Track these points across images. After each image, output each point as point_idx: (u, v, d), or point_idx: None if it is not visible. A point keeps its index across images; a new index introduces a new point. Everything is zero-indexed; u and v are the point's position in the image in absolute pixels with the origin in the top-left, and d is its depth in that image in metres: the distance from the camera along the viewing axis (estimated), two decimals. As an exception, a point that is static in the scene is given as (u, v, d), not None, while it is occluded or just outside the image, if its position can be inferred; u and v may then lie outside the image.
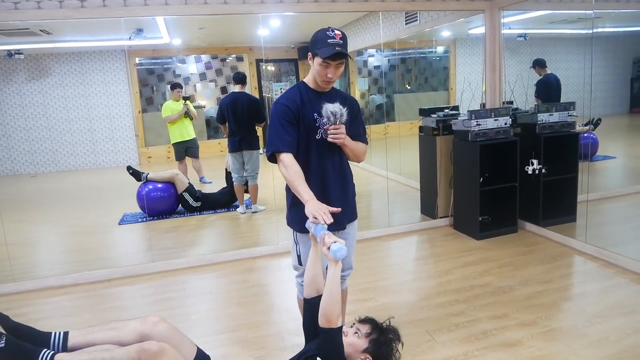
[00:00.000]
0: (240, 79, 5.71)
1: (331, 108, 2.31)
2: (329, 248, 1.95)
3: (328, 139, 2.37)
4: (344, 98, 2.49)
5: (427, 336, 2.92)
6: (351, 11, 4.39)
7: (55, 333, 2.03)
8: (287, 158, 2.30)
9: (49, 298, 3.82)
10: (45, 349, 1.90)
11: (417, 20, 5.75)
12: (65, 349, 2.00)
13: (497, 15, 4.72)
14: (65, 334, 2.04)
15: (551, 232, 4.45)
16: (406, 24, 5.95)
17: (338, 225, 2.47)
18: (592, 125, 5.86)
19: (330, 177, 2.47)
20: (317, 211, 2.05)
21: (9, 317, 2.02)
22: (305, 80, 2.46)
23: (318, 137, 2.40)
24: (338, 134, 2.35)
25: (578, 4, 4.72)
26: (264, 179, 6.06)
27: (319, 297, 2.06)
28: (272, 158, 2.36)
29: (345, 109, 2.35)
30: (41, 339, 2.00)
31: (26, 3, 3.75)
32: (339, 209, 2.14)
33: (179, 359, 1.96)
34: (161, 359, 1.87)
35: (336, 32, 2.24)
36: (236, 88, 5.69)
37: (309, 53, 2.33)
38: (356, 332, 2.08)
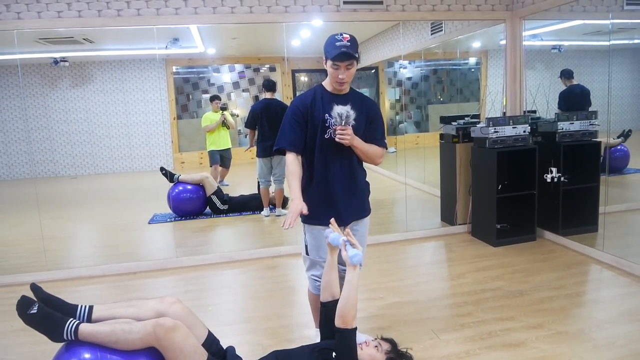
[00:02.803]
0: (270, 86, 5.89)
1: (339, 110, 2.43)
2: (348, 254, 2.15)
3: (335, 139, 2.49)
4: (361, 101, 2.60)
5: (431, 334, 2.99)
6: (372, 20, 4.51)
7: (81, 306, 2.22)
8: (289, 157, 2.54)
9: (78, 287, 4.06)
10: (72, 319, 2.08)
11: (442, 30, 5.83)
12: (89, 320, 2.18)
13: (518, 24, 4.77)
14: (91, 307, 2.22)
15: (570, 241, 4.43)
16: (432, 34, 6.04)
17: (339, 221, 2.62)
18: (623, 137, 5.80)
19: (336, 176, 2.58)
20: (290, 212, 2.35)
21: (42, 288, 2.21)
22: (323, 83, 2.62)
23: (327, 136, 2.53)
24: (344, 135, 2.46)
25: (601, 13, 4.71)
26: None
27: (333, 302, 2.28)
28: (278, 151, 2.61)
29: (352, 112, 2.45)
30: (69, 310, 2.18)
31: (68, 12, 4.04)
32: (306, 212, 2.39)
33: (191, 336, 2.11)
34: (174, 334, 2.02)
35: (344, 35, 2.40)
36: (267, 95, 5.87)
37: (324, 58, 2.48)
38: (377, 346, 2.24)
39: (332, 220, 2.36)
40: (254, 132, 5.90)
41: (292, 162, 2.52)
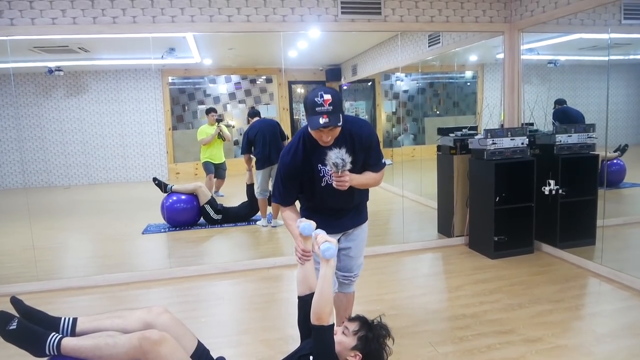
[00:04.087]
0: (255, 113, 6.13)
1: (333, 159, 2.26)
2: (319, 247, 2.03)
3: (333, 185, 2.38)
4: (352, 137, 2.41)
5: (429, 347, 2.93)
6: (370, 31, 4.50)
7: (64, 318, 2.14)
8: (287, 209, 2.54)
9: (69, 297, 3.97)
10: (54, 333, 2.00)
11: (439, 42, 5.83)
12: (73, 333, 2.11)
13: (517, 37, 4.77)
14: (74, 319, 2.15)
15: (568, 253, 4.40)
16: (429, 46, 6.04)
17: (340, 228, 2.62)
18: (619, 152, 5.81)
19: (335, 205, 2.55)
20: (296, 251, 2.29)
21: (23, 301, 2.14)
22: (309, 128, 2.35)
23: (323, 184, 2.45)
24: (342, 182, 2.34)
25: (599, 27, 4.73)
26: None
27: (310, 295, 2.13)
28: None
29: (347, 155, 2.28)
30: (51, 323, 2.11)
31: (63, 19, 4.01)
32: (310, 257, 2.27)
33: (179, 349, 2.03)
34: (161, 347, 1.95)
35: (325, 97, 2.17)
36: (254, 120, 6.04)
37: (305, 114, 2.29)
38: (344, 331, 2.12)
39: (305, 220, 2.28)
40: (249, 157, 5.95)
41: (288, 210, 2.51)
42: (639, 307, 3.40)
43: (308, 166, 2.42)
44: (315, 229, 2.21)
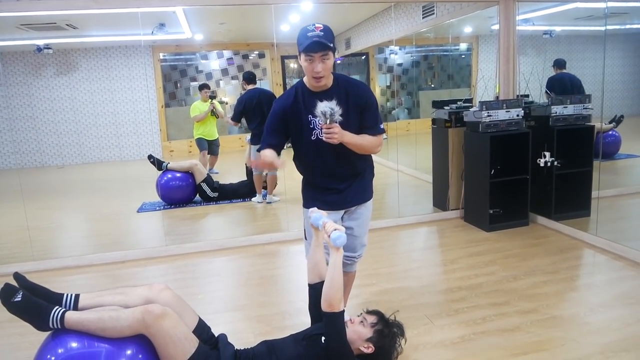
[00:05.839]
0: (252, 78, 5.93)
1: (322, 107, 2.20)
2: (329, 236, 2.03)
3: (323, 139, 2.31)
4: (347, 92, 2.39)
5: (425, 320, 2.95)
6: (364, 2, 4.43)
7: (67, 294, 2.15)
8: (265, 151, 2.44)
9: (65, 277, 3.97)
10: (57, 307, 2.00)
11: (434, 13, 5.76)
12: (76, 309, 2.11)
13: (512, 6, 4.70)
14: (77, 295, 2.15)
15: (563, 225, 4.41)
16: (423, 17, 5.96)
17: (343, 205, 2.58)
18: (614, 123, 5.80)
19: (333, 169, 2.47)
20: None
21: (26, 277, 2.14)
22: (304, 79, 2.41)
23: (314, 137, 2.38)
24: (331, 134, 2.26)
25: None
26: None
27: (321, 283, 2.17)
28: None
29: (338, 107, 2.22)
30: (54, 299, 2.11)
31: (49, -7, 3.91)
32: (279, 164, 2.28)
33: (180, 324, 2.05)
34: (163, 321, 1.96)
35: (317, 25, 2.21)
36: (250, 87, 5.86)
37: (297, 53, 2.28)
38: (362, 322, 2.18)
39: (316, 210, 2.26)
40: (238, 124, 5.89)
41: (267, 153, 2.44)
42: (632, 277, 3.43)
43: (297, 114, 2.37)
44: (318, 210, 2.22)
